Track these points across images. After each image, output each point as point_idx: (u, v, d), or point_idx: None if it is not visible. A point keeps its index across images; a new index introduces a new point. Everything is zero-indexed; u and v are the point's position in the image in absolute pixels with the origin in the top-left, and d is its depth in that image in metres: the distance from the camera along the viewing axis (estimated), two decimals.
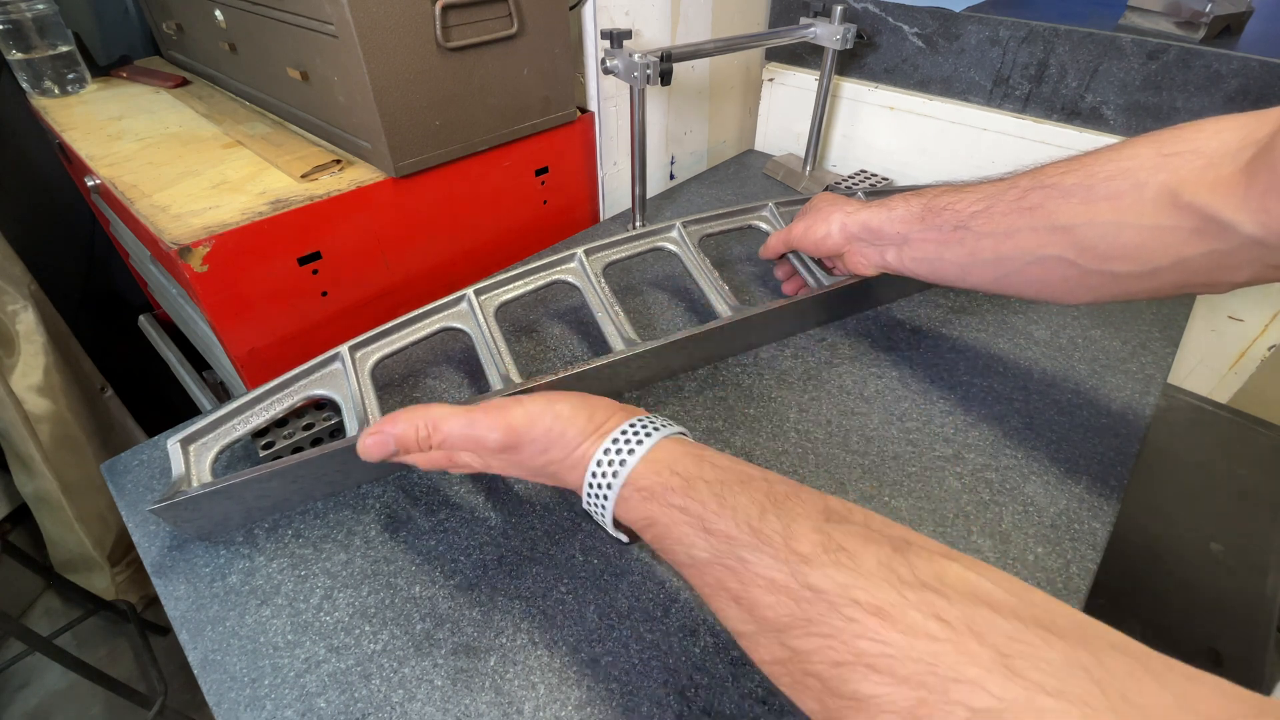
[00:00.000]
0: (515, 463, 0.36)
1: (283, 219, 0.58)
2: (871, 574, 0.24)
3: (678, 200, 0.87)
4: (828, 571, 0.24)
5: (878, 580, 0.24)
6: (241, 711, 0.36)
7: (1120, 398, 0.55)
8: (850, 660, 0.23)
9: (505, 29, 0.65)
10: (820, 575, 0.24)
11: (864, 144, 0.91)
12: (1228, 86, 0.64)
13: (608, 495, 0.32)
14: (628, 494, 0.31)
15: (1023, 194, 0.41)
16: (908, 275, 0.51)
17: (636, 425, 0.33)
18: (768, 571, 0.26)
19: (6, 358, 0.92)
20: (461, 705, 0.36)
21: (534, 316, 0.64)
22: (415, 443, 0.36)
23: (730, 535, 0.27)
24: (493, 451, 0.35)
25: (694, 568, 0.29)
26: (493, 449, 0.35)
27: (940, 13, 0.78)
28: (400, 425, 0.36)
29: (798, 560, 0.25)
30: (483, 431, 0.35)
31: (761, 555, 0.26)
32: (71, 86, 0.85)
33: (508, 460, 0.36)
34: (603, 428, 0.34)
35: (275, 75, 0.72)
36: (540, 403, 0.35)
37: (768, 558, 0.26)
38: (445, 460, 0.38)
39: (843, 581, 0.24)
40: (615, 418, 0.34)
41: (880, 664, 0.22)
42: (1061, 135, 0.75)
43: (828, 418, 0.53)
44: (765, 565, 0.26)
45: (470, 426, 0.35)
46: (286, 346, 0.63)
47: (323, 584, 0.42)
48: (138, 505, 0.47)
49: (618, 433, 0.33)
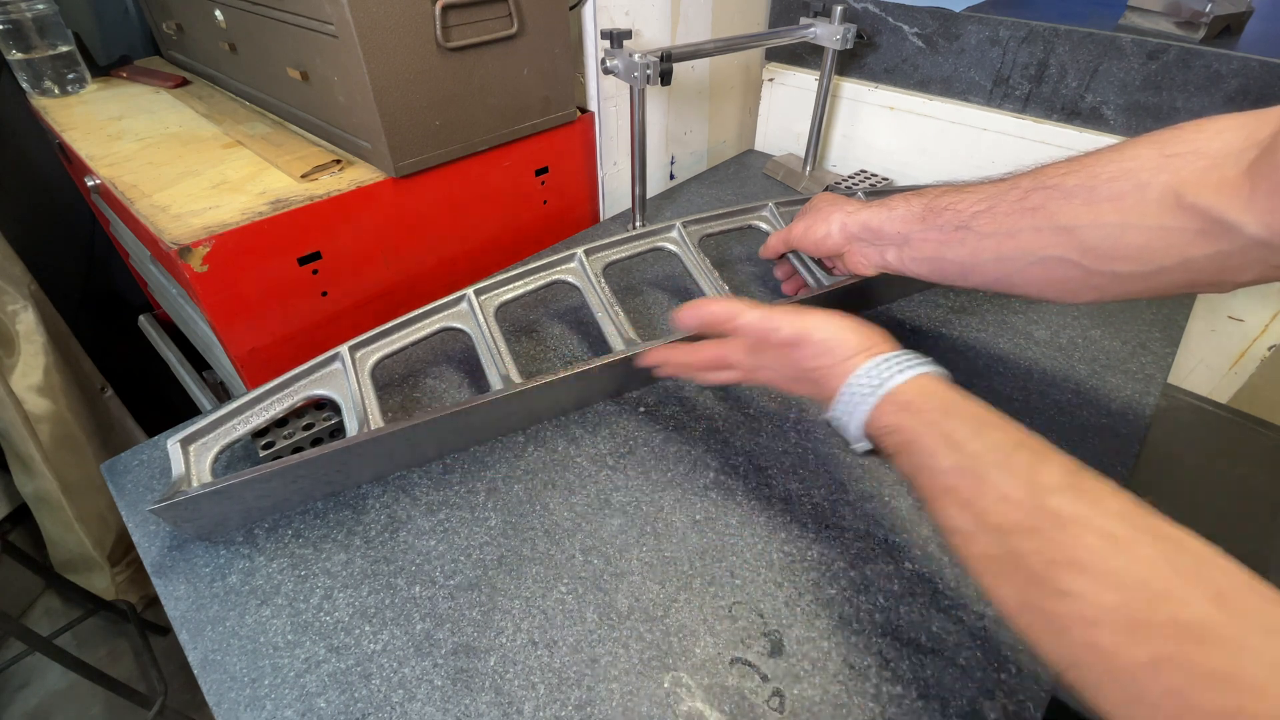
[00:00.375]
0: (788, 360, 0.41)
1: (283, 219, 0.58)
2: (1110, 512, 0.26)
3: (678, 200, 0.87)
4: (1068, 499, 0.27)
5: (1116, 519, 0.26)
6: (241, 711, 0.36)
7: (1120, 398, 0.55)
8: (1063, 561, 0.26)
9: (505, 29, 0.65)
10: (1059, 500, 0.27)
11: (864, 144, 0.91)
12: (1228, 86, 0.64)
13: (867, 397, 0.36)
14: (885, 404, 0.35)
15: (1024, 194, 0.41)
16: (908, 275, 0.51)
17: (905, 355, 0.37)
18: (1006, 487, 0.29)
19: (6, 358, 0.92)
20: (461, 705, 0.36)
21: (534, 316, 0.64)
22: (720, 322, 0.43)
23: (977, 454, 0.31)
24: (776, 345, 0.41)
25: (929, 472, 0.32)
26: (778, 342, 0.41)
27: (940, 13, 0.78)
28: (714, 306, 0.44)
29: (1040, 487, 0.28)
30: (777, 323, 0.40)
31: (1004, 475, 0.29)
32: (71, 86, 0.85)
33: (782, 356, 0.41)
34: (873, 349, 0.38)
35: (275, 75, 0.72)
36: (823, 316, 0.40)
37: (1009, 479, 0.29)
38: (717, 359, 0.44)
39: (1080, 511, 0.27)
40: (885, 344, 0.38)
41: (1093, 568, 0.25)
42: (1061, 135, 0.75)
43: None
44: (1005, 483, 0.29)
45: (766, 319, 0.41)
46: (286, 346, 0.63)
47: (323, 584, 0.42)
48: (138, 505, 0.47)
49: (888, 356, 0.37)
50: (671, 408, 0.54)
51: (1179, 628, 0.23)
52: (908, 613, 0.40)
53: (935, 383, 0.35)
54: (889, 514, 0.45)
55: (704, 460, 0.49)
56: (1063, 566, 0.26)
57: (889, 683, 0.36)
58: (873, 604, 0.40)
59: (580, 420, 0.53)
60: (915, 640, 0.38)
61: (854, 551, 0.43)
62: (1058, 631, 0.26)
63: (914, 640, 0.38)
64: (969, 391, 0.34)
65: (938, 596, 0.40)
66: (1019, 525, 0.28)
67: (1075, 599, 0.25)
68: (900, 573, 0.42)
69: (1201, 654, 0.22)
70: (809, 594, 0.41)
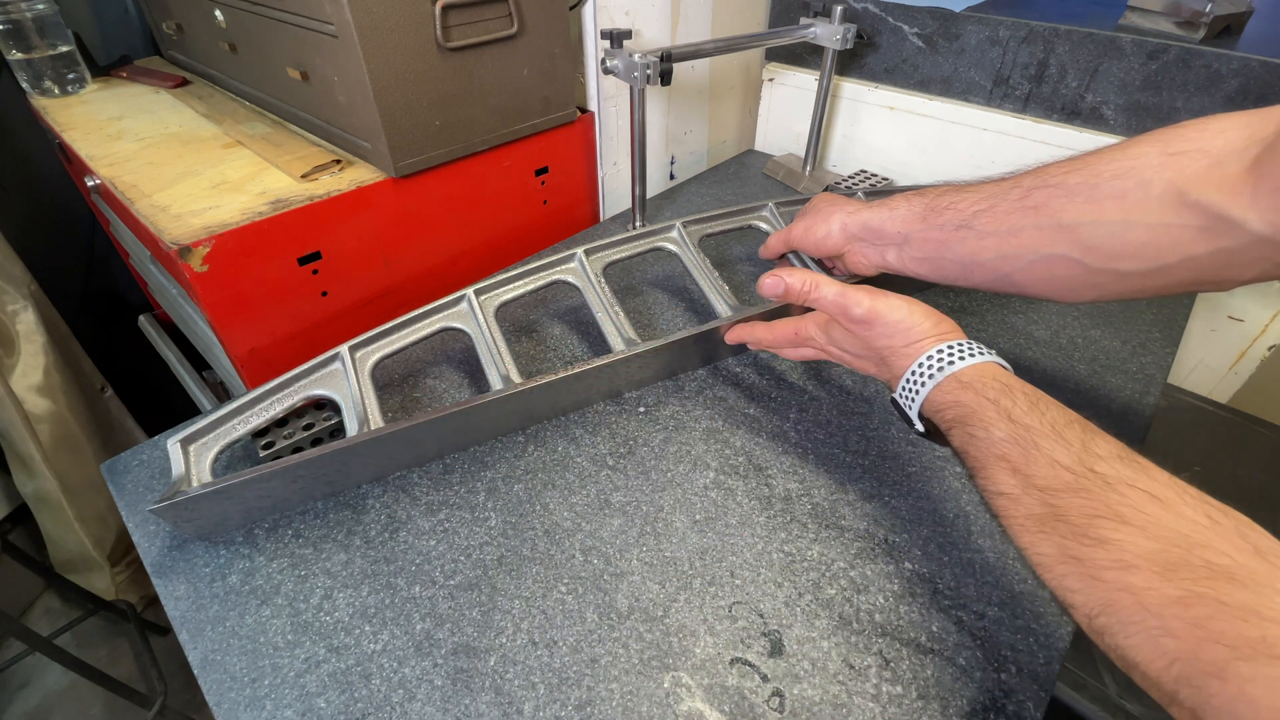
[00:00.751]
0: (860, 338, 0.42)
1: (283, 219, 0.58)
2: (1156, 479, 0.27)
3: (678, 200, 0.87)
4: (1116, 466, 0.29)
5: (1161, 485, 0.27)
6: (241, 711, 0.36)
7: (1120, 398, 0.55)
8: (1104, 514, 0.27)
9: (505, 29, 0.65)
10: (1107, 467, 0.29)
11: (864, 144, 0.91)
12: (1228, 86, 0.64)
13: (932, 377, 0.38)
14: (948, 383, 0.37)
15: (1026, 193, 0.41)
16: (908, 275, 0.51)
17: (972, 343, 0.39)
18: (1056, 454, 0.30)
19: (6, 358, 0.92)
20: (461, 705, 0.36)
21: (534, 316, 0.64)
22: (798, 293, 0.44)
23: (1031, 427, 0.32)
24: (850, 320, 0.42)
25: (984, 441, 0.34)
26: (852, 318, 0.42)
27: (940, 13, 0.78)
28: (794, 277, 0.45)
29: (1090, 455, 0.30)
30: (852, 301, 0.42)
31: (1055, 445, 0.31)
32: (71, 86, 0.85)
33: (853, 335, 0.43)
34: (942, 335, 0.39)
35: (275, 75, 0.72)
36: (898, 298, 0.41)
37: (1061, 448, 0.30)
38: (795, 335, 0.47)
39: (1127, 475, 0.28)
40: (954, 332, 0.40)
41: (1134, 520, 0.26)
42: (1061, 135, 0.75)
43: (828, 418, 0.53)
44: (1056, 451, 0.30)
45: (844, 296, 0.42)
46: (286, 346, 0.63)
47: (323, 584, 0.42)
48: (138, 505, 0.47)
49: (956, 343, 0.39)
50: (671, 408, 0.54)
51: (1212, 570, 0.23)
52: (908, 613, 0.40)
53: (997, 369, 0.37)
54: (889, 514, 0.45)
55: (704, 460, 0.49)
56: (1105, 519, 0.27)
57: (889, 683, 0.36)
58: (873, 604, 0.40)
59: (580, 420, 0.53)
60: (915, 640, 0.38)
61: (854, 551, 0.43)
62: (1092, 576, 0.27)
63: (914, 640, 0.38)
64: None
65: (938, 596, 0.40)
66: (1067, 485, 0.29)
67: (1114, 546, 0.26)
68: (900, 573, 0.42)
69: (1231, 591, 0.23)
70: (809, 594, 0.41)
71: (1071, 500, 0.28)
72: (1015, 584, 0.41)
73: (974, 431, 0.34)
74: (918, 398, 0.38)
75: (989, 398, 0.35)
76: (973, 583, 0.41)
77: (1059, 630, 0.39)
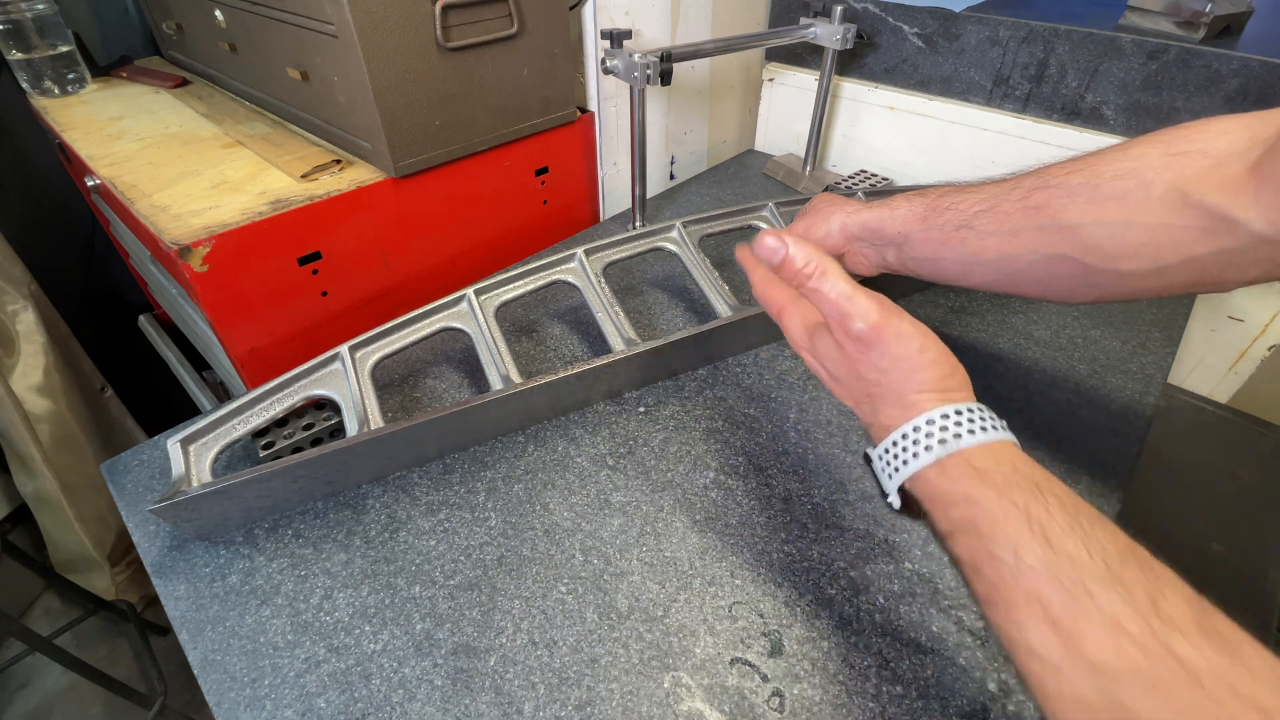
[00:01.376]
0: (850, 359, 0.34)
1: (283, 219, 0.58)
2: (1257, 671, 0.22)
3: (678, 200, 0.87)
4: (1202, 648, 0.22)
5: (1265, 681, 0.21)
6: (241, 711, 0.36)
7: (1120, 398, 0.55)
8: None
9: (505, 29, 0.65)
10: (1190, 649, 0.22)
11: (864, 144, 0.91)
12: (1228, 86, 0.64)
13: (927, 451, 0.30)
14: (953, 464, 0.29)
15: (1027, 193, 0.41)
16: (909, 275, 0.51)
17: (985, 411, 0.31)
18: (1117, 613, 0.24)
19: (6, 358, 0.92)
20: (461, 705, 0.36)
21: (534, 316, 0.64)
22: (796, 272, 0.34)
23: (1077, 560, 0.25)
24: (846, 335, 0.33)
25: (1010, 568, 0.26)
26: (850, 333, 0.33)
27: (940, 13, 0.78)
28: (800, 251, 0.34)
29: (1161, 621, 0.23)
30: (857, 310, 0.33)
31: (1113, 596, 0.24)
32: (71, 86, 0.85)
33: (843, 353, 0.34)
34: (951, 393, 0.32)
35: (275, 75, 0.72)
36: (915, 329, 0.33)
37: (1121, 602, 0.24)
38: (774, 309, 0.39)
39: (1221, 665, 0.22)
40: (964, 391, 0.32)
41: None
42: (1061, 135, 0.75)
43: (828, 418, 0.53)
44: (1116, 607, 0.24)
45: (849, 300, 0.33)
46: (286, 346, 0.63)
47: (323, 584, 0.42)
48: (138, 505, 0.47)
49: (967, 406, 0.31)
50: (671, 408, 0.54)
51: None
52: (908, 613, 0.40)
53: (1014, 450, 0.30)
54: (889, 514, 0.45)
55: (704, 460, 0.49)
56: None
57: (889, 683, 0.36)
58: (873, 604, 0.40)
59: (580, 420, 0.53)
60: (915, 640, 0.38)
61: (854, 551, 0.43)
62: None
63: (914, 640, 0.38)
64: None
65: (938, 596, 0.40)
66: (1135, 671, 0.22)
67: None
68: (900, 573, 0.42)
69: None
70: (809, 594, 0.41)
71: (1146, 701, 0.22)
72: None
73: (996, 550, 0.27)
74: (905, 468, 0.31)
75: (1015, 501, 0.27)
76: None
77: None
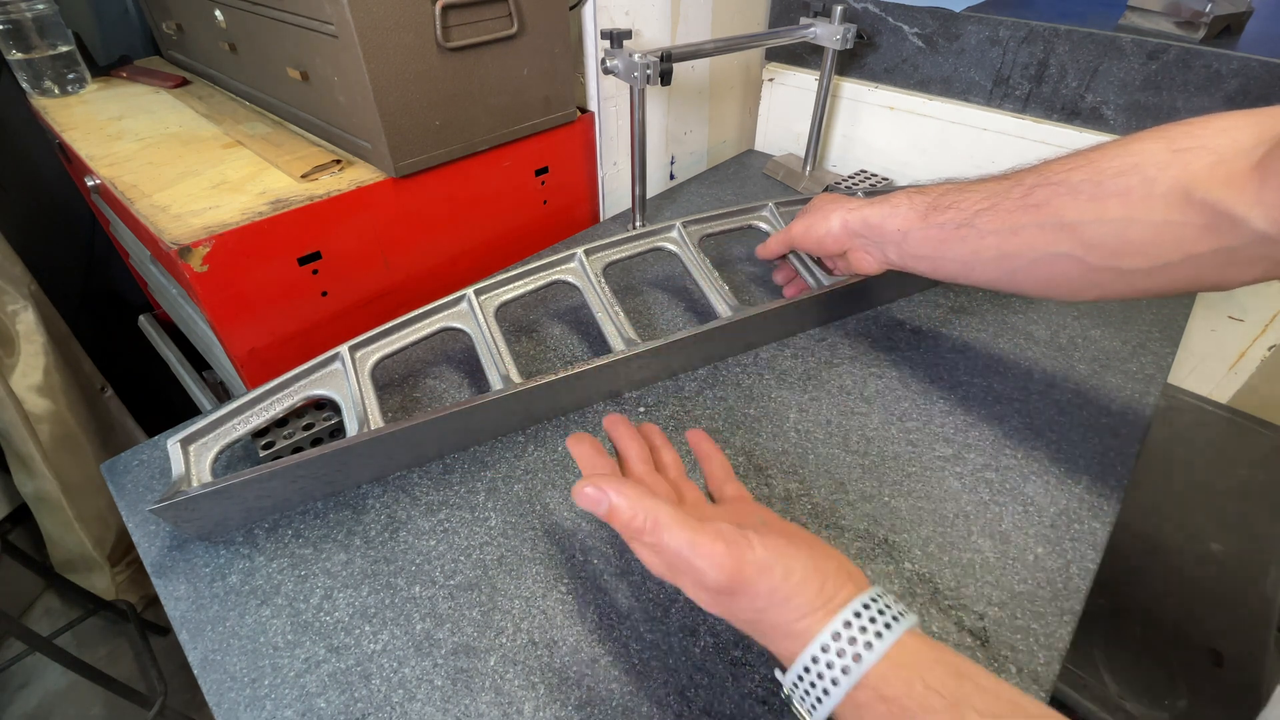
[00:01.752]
0: (723, 606, 0.31)
1: (283, 219, 0.58)
2: None
3: (678, 200, 0.87)
4: None
5: None
6: (241, 711, 0.36)
7: (1120, 398, 0.55)
8: None
9: (505, 29, 0.65)
10: None
11: (864, 144, 0.91)
12: (1228, 86, 0.64)
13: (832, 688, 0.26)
14: (864, 698, 0.26)
15: (1028, 191, 0.41)
16: (910, 272, 0.51)
17: (872, 606, 0.28)
18: None
19: (6, 358, 0.92)
20: (461, 705, 0.36)
21: (534, 316, 0.64)
22: (625, 526, 0.32)
23: None
24: (704, 589, 0.30)
25: None
26: (706, 587, 0.30)
27: (940, 13, 0.78)
28: (624, 502, 0.31)
29: None
30: (703, 564, 0.29)
31: None
32: (71, 86, 0.85)
33: (713, 600, 0.31)
34: (832, 601, 0.28)
35: (275, 75, 0.72)
36: (770, 552, 0.29)
37: None
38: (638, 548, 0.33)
39: None
40: (846, 589, 0.29)
41: None
42: (1061, 135, 0.75)
43: (828, 418, 0.53)
44: None
45: (692, 551, 0.29)
46: (286, 346, 0.63)
47: (323, 584, 0.42)
48: (138, 505, 0.47)
49: (850, 614, 0.27)
50: (671, 408, 0.54)
51: None
52: None
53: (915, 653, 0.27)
54: (889, 514, 0.45)
55: None
56: None
57: None
58: None
59: (580, 420, 0.53)
60: None
61: (854, 551, 0.43)
62: None
63: None
64: None
65: (938, 596, 0.40)
66: None
67: None
68: (900, 573, 0.42)
69: None
70: None
71: None
72: (1015, 584, 0.41)
73: None
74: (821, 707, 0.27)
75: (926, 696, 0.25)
76: (973, 583, 0.41)
77: (1059, 630, 0.39)
